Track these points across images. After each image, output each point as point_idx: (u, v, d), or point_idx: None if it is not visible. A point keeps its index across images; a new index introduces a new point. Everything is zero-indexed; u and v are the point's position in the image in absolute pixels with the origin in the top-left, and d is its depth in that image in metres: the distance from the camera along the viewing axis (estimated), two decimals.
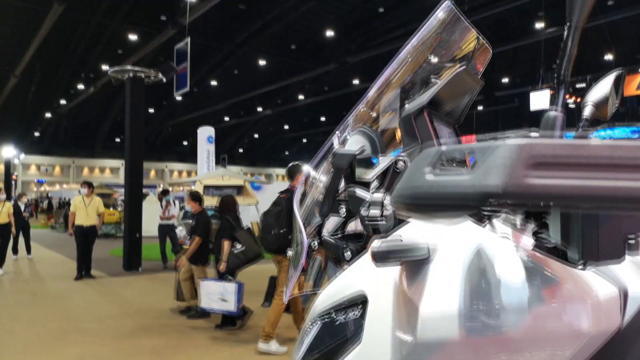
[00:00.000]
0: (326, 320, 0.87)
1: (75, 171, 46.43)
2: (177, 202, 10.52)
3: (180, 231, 11.03)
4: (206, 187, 13.29)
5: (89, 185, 8.88)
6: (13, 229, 9.66)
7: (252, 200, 13.74)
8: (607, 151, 0.43)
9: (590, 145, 0.43)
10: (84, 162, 46.75)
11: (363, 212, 0.87)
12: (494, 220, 0.68)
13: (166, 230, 9.98)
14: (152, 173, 48.77)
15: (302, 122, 47.16)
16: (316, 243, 1.04)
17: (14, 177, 35.75)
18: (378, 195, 0.87)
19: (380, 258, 0.67)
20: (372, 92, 1.09)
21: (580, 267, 0.54)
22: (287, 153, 54.61)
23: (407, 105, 0.98)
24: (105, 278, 8.89)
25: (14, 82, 29.13)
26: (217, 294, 5.30)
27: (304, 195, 1.18)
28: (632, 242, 0.53)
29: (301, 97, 37.07)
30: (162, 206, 10.22)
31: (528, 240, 0.60)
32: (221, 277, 5.37)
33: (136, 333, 5.31)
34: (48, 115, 38.12)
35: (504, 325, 0.58)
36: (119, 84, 10.76)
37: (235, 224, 5.48)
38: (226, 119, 42.47)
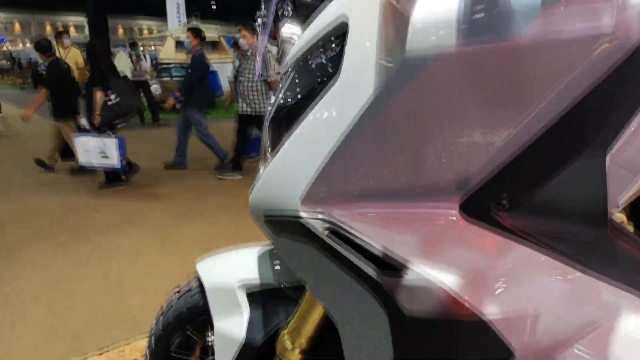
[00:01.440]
0: (301, 65, 0.73)
1: (36, 28, 43.55)
2: (147, 56, 10.04)
3: (155, 89, 10.73)
4: (178, 43, 12.65)
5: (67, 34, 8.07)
6: None
7: (228, 56, 13.12)
8: None
9: None
10: (44, 17, 43.72)
11: None
12: None
13: (140, 87, 9.45)
14: (120, 31, 46.06)
15: None
16: (289, 10, 0.88)
17: None
18: None
19: None
20: None
21: None
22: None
23: None
24: None
25: None
26: (96, 150, 4.91)
27: None
28: None
29: None
30: (132, 61, 9.76)
31: None
32: (98, 131, 4.94)
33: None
34: None
35: (511, 31, 0.51)
36: None
37: (110, 72, 5.00)
38: None
